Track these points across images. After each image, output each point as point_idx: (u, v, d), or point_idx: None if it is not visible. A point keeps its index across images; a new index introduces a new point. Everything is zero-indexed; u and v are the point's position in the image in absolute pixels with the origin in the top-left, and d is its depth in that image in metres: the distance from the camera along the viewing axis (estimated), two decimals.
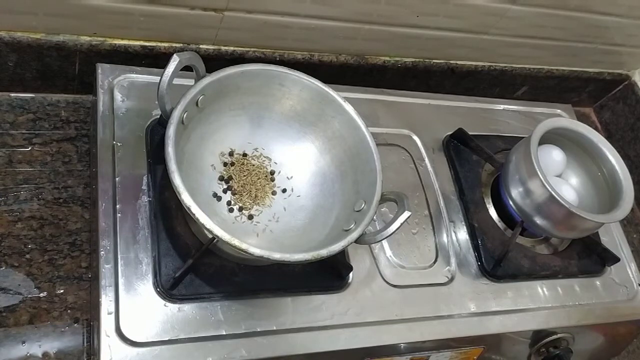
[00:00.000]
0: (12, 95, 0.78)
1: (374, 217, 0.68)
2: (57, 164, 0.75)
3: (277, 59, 0.85)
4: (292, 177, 0.75)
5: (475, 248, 0.82)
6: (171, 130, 0.61)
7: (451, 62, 0.97)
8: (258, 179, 0.73)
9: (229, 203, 0.71)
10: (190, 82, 0.66)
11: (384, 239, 0.65)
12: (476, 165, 0.89)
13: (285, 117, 0.74)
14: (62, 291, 0.69)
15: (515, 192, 0.82)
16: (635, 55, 1.09)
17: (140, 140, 0.71)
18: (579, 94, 1.15)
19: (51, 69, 0.77)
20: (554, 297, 0.83)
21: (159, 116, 0.71)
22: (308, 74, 0.72)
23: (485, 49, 0.97)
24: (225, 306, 0.66)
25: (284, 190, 0.74)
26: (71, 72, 0.78)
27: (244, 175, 0.73)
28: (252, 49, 0.84)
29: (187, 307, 0.64)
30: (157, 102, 0.64)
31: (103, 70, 0.74)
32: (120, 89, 0.73)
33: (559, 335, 0.82)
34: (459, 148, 0.89)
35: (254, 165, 0.74)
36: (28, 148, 0.75)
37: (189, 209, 0.58)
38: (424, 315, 0.75)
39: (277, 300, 0.69)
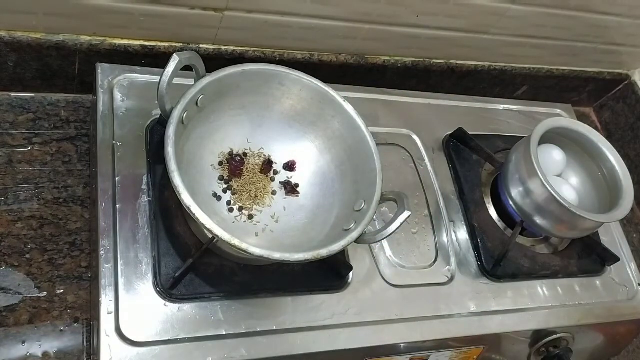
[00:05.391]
0: (12, 95, 0.78)
1: (374, 217, 0.68)
2: (57, 164, 0.75)
3: (277, 58, 0.85)
4: (292, 176, 0.75)
5: (475, 248, 0.82)
6: (171, 130, 0.61)
7: (451, 61, 0.97)
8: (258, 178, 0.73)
9: (229, 203, 0.71)
10: (190, 82, 0.66)
11: (384, 238, 0.65)
12: (476, 165, 0.89)
13: (285, 116, 0.74)
14: (62, 291, 0.69)
15: (515, 192, 0.82)
16: (635, 55, 1.09)
17: (140, 140, 0.71)
18: (579, 94, 1.15)
19: (51, 68, 0.77)
20: (554, 296, 0.83)
21: (159, 116, 0.71)
22: (308, 74, 0.72)
23: (485, 49, 0.97)
24: (225, 306, 0.66)
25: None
26: (71, 72, 0.78)
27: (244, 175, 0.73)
28: (252, 49, 0.84)
29: (187, 307, 0.64)
30: (157, 102, 0.64)
31: (103, 70, 0.74)
32: (120, 89, 0.73)
33: (559, 335, 0.82)
34: (459, 148, 0.89)
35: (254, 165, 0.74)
36: (28, 148, 0.75)
37: (189, 208, 0.58)
38: (424, 315, 0.75)
39: (277, 300, 0.69)
